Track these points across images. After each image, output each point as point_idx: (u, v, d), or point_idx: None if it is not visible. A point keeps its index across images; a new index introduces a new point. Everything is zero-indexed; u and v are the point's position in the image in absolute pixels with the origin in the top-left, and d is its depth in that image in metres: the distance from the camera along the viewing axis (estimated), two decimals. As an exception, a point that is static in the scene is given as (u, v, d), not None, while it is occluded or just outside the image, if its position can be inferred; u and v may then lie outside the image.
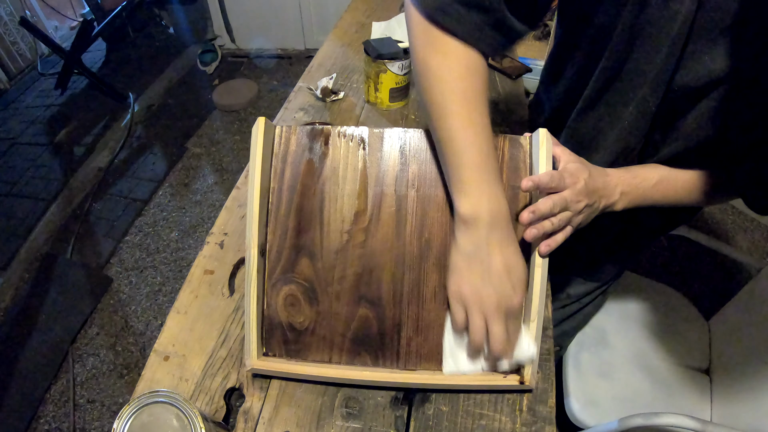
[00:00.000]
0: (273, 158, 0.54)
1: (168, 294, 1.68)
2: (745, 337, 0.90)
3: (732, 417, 0.84)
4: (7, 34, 2.57)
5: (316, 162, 0.54)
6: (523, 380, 0.50)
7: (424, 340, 0.53)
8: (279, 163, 0.54)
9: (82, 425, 1.36)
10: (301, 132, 0.54)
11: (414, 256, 0.53)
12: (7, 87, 2.62)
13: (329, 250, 0.53)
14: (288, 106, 0.98)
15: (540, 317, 0.50)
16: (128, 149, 2.30)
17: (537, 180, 0.46)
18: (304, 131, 0.55)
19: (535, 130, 0.52)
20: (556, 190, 0.47)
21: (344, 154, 0.54)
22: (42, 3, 2.74)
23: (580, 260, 0.80)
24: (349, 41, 1.18)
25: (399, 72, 0.90)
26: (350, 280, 0.53)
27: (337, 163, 0.54)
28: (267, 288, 0.54)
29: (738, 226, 1.82)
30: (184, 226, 1.92)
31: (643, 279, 1.11)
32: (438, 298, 0.53)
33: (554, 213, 0.47)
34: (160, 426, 0.40)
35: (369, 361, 0.54)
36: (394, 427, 0.52)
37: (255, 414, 0.53)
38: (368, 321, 0.53)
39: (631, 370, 0.95)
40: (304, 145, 0.54)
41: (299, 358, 0.54)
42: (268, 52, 2.84)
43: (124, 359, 1.51)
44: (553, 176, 0.47)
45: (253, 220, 0.51)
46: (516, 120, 0.94)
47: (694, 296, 1.08)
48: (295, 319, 0.54)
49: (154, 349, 0.58)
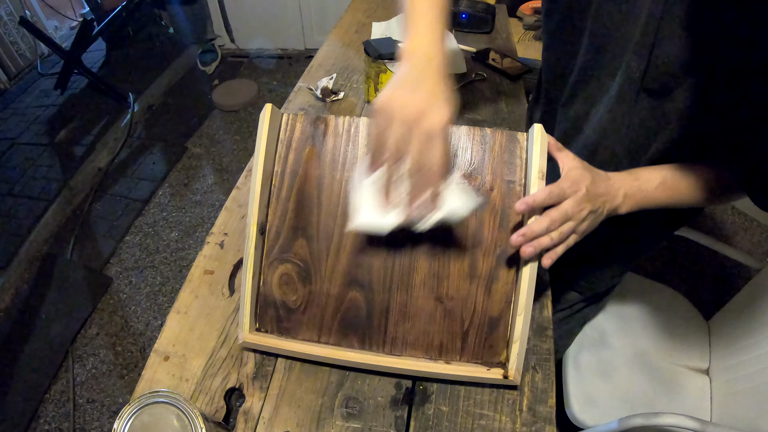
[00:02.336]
0: (278, 143, 0.57)
1: (168, 294, 1.68)
2: (745, 337, 0.90)
3: (732, 417, 0.84)
4: (7, 34, 2.57)
5: (318, 149, 0.56)
6: (507, 375, 0.51)
7: (411, 326, 0.54)
8: (283, 149, 0.57)
9: (82, 425, 1.36)
10: (306, 120, 0.57)
11: (406, 243, 0.54)
12: (7, 87, 2.61)
13: (325, 232, 0.55)
14: (288, 106, 0.98)
15: (528, 313, 0.50)
16: (128, 149, 2.30)
17: (531, 202, 0.46)
18: (309, 119, 0.57)
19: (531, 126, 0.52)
20: (555, 204, 0.47)
21: (345, 142, 0.56)
22: (42, 3, 2.74)
23: (573, 270, 0.80)
24: (349, 41, 1.18)
25: (399, 72, 0.90)
26: (343, 263, 0.55)
27: (338, 150, 0.56)
28: (264, 266, 0.56)
29: (738, 226, 1.82)
30: (184, 226, 1.92)
31: (643, 279, 1.11)
32: (427, 287, 0.54)
33: (553, 229, 0.47)
34: (161, 426, 0.40)
35: (356, 343, 0.55)
36: (394, 427, 0.52)
37: (255, 414, 0.53)
38: (357, 304, 0.55)
39: (631, 370, 0.95)
40: (308, 132, 0.57)
41: (290, 336, 0.56)
42: (268, 52, 2.84)
43: (124, 359, 1.51)
44: (551, 192, 0.46)
45: (254, 199, 0.53)
46: (516, 119, 0.94)
47: (694, 296, 1.08)
48: (288, 297, 0.56)
49: (154, 349, 0.58)
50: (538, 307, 0.62)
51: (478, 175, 0.54)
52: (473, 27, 1.24)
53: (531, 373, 0.56)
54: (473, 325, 0.53)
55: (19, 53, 2.68)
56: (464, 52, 1.12)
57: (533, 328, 0.60)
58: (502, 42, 1.22)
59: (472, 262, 0.53)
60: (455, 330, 0.54)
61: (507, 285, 0.53)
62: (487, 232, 0.53)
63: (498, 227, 0.53)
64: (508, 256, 0.53)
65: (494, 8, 1.26)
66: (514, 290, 0.53)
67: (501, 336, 0.53)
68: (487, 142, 0.54)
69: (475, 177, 0.54)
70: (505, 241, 0.53)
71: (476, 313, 0.53)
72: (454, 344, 0.54)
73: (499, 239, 0.53)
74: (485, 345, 0.53)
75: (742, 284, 0.97)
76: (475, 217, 0.53)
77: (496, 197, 0.53)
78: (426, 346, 0.54)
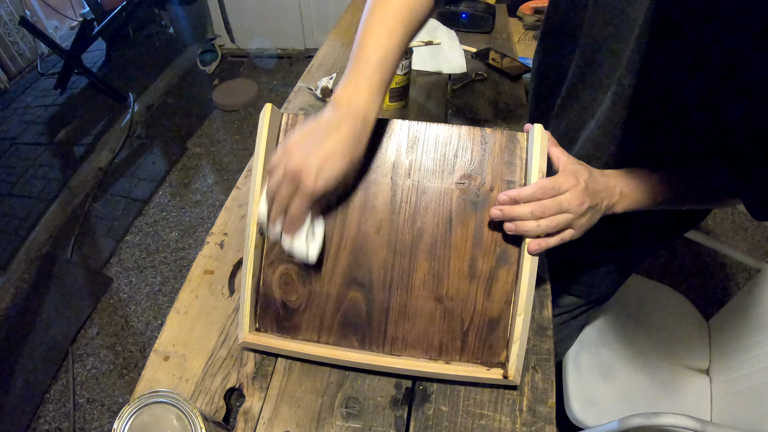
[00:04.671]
0: (278, 143, 0.56)
1: (168, 294, 1.68)
2: (745, 337, 0.90)
3: (732, 417, 0.84)
4: (7, 34, 2.56)
5: None
6: (507, 375, 0.51)
7: (411, 326, 0.54)
8: None
9: (82, 425, 1.36)
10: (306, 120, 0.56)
11: (406, 243, 0.54)
12: (7, 87, 2.61)
13: (325, 232, 0.55)
14: (288, 106, 0.98)
15: (527, 313, 0.50)
16: (128, 149, 2.30)
17: (515, 195, 0.46)
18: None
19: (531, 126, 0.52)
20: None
21: None
22: (42, 3, 2.74)
23: (573, 275, 0.80)
24: (349, 41, 1.18)
25: (399, 72, 0.90)
26: (343, 264, 0.55)
27: None
28: (264, 265, 0.56)
29: (738, 226, 1.82)
30: (184, 226, 1.92)
31: (643, 279, 1.11)
32: (427, 287, 0.54)
33: (540, 216, 0.46)
34: (161, 426, 0.40)
35: (356, 343, 0.55)
36: (394, 427, 0.52)
37: (255, 414, 0.53)
38: (357, 304, 0.55)
39: (631, 370, 0.95)
40: None
41: (289, 336, 0.56)
42: (268, 52, 2.84)
43: (124, 359, 1.51)
44: (543, 187, 0.46)
45: (254, 199, 0.53)
46: (516, 119, 0.94)
47: (694, 296, 1.08)
48: (288, 297, 0.56)
49: (154, 349, 0.58)
50: (538, 307, 0.62)
51: (478, 175, 0.54)
52: (473, 27, 1.24)
53: (531, 373, 0.56)
54: (473, 325, 0.53)
55: (19, 53, 2.68)
56: (464, 52, 1.12)
57: (533, 328, 0.60)
58: (502, 42, 1.22)
59: (472, 262, 0.53)
60: (455, 330, 0.54)
61: (507, 285, 0.53)
62: (487, 233, 0.53)
63: (498, 228, 0.53)
64: (508, 256, 0.53)
65: (494, 8, 1.26)
66: (514, 290, 0.53)
67: (501, 336, 0.53)
68: (487, 142, 0.54)
69: (475, 177, 0.54)
70: (505, 241, 0.53)
71: (476, 314, 0.53)
72: (453, 344, 0.54)
73: (499, 239, 0.53)
74: (485, 345, 0.53)
75: (742, 284, 0.97)
76: (475, 217, 0.53)
77: (496, 197, 0.53)
78: (426, 346, 0.54)
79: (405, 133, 0.55)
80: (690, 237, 1.04)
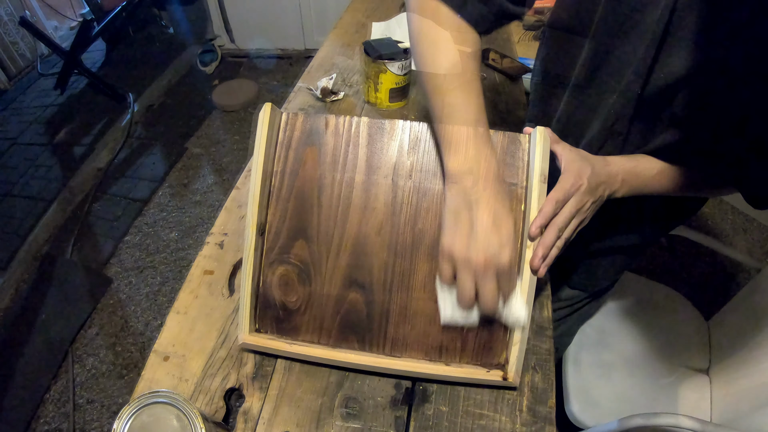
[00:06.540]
0: (278, 143, 0.56)
1: (168, 294, 1.68)
2: (745, 337, 0.90)
3: (732, 417, 0.84)
4: (7, 34, 2.56)
5: (318, 149, 0.56)
6: (506, 376, 0.51)
7: (411, 328, 0.54)
8: (283, 148, 0.56)
9: (82, 425, 1.36)
10: (306, 120, 0.57)
11: (407, 244, 0.54)
12: (7, 87, 2.61)
13: (325, 233, 0.55)
14: (288, 106, 0.98)
15: (531, 296, 0.50)
16: (128, 149, 2.30)
17: (542, 223, 0.47)
18: (309, 119, 0.57)
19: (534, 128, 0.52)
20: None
21: (345, 142, 0.56)
22: (42, 3, 2.74)
23: (573, 265, 0.80)
24: (349, 41, 1.18)
25: (399, 72, 0.90)
26: (343, 265, 0.55)
27: (338, 150, 0.56)
28: (263, 266, 0.56)
29: (738, 226, 1.82)
30: (184, 226, 1.92)
31: (642, 279, 1.11)
32: (427, 288, 0.54)
33: (560, 236, 0.48)
34: (161, 426, 0.40)
35: (356, 345, 0.55)
36: (393, 427, 0.52)
37: (255, 414, 0.53)
38: (357, 305, 0.55)
39: (631, 370, 0.95)
40: (308, 132, 0.56)
41: (289, 337, 0.56)
42: (267, 52, 2.84)
43: (124, 359, 1.51)
44: (557, 201, 0.47)
45: (253, 200, 0.53)
46: (515, 120, 0.94)
47: (694, 296, 1.08)
48: (288, 298, 0.55)
49: (154, 349, 0.58)
50: (538, 307, 0.62)
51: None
52: (473, 27, 1.24)
53: (531, 374, 0.56)
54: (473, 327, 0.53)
55: (19, 53, 2.68)
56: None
57: (533, 329, 0.60)
58: (502, 42, 1.22)
59: None
60: (455, 331, 0.53)
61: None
62: None
63: None
64: None
65: (494, 8, 1.26)
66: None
67: (500, 338, 0.53)
68: None
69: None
70: None
71: None
72: (453, 346, 0.54)
73: None
74: (484, 347, 0.53)
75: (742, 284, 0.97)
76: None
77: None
78: (426, 348, 0.54)
79: (407, 133, 0.55)
80: (690, 237, 1.04)
